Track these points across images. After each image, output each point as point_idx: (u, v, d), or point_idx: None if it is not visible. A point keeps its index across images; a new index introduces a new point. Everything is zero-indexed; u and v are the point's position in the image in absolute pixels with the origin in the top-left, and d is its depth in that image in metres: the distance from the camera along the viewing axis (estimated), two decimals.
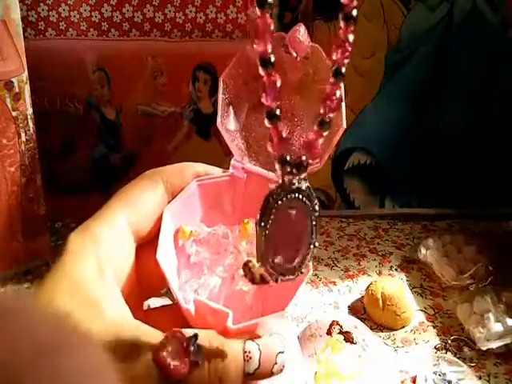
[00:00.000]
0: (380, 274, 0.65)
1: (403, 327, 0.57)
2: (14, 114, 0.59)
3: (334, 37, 0.65)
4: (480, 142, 0.72)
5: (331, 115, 0.24)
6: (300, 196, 0.25)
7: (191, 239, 0.29)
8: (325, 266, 0.66)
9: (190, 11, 0.65)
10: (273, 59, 0.23)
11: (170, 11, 0.65)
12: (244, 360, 0.25)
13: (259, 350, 0.25)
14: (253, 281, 0.27)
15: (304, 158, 0.25)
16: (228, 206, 0.31)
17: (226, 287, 0.29)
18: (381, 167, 0.74)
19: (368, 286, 0.60)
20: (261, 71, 0.23)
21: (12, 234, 0.62)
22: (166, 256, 0.27)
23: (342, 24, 0.23)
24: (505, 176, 0.73)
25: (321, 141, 0.25)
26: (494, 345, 0.52)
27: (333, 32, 0.65)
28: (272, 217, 0.24)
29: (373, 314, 0.58)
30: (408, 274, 0.65)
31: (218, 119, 0.30)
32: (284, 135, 0.24)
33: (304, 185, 0.25)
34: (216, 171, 0.31)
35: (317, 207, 0.26)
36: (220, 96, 0.31)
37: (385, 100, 0.70)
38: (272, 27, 0.22)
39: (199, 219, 0.30)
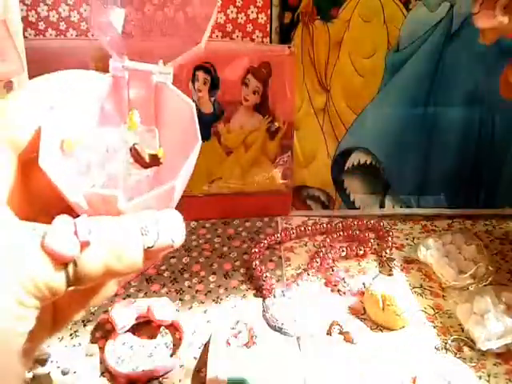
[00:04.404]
0: (380, 274, 0.65)
1: (403, 327, 0.57)
2: None
3: (332, 37, 0.65)
4: (480, 142, 0.72)
5: None
6: None
7: (78, 147, 0.28)
8: (325, 266, 0.66)
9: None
10: None
11: (169, 11, 0.65)
12: (142, 234, 0.24)
13: (156, 221, 0.25)
14: (143, 163, 0.27)
15: None
16: (113, 108, 0.30)
17: (121, 183, 0.28)
18: (381, 167, 0.74)
19: (368, 286, 0.60)
20: None
21: None
22: (52, 163, 0.26)
23: None
24: (505, 176, 0.73)
25: None
26: (494, 345, 0.52)
27: (332, 32, 0.65)
28: None
29: (373, 314, 0.58)
30: (408, 274, 0.65)
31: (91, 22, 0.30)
32: None
33: None
34: (94, 75, 0.30)
35: None
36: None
37: (385, 100, 0.70)
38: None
39: (86, 126, 0.29)
